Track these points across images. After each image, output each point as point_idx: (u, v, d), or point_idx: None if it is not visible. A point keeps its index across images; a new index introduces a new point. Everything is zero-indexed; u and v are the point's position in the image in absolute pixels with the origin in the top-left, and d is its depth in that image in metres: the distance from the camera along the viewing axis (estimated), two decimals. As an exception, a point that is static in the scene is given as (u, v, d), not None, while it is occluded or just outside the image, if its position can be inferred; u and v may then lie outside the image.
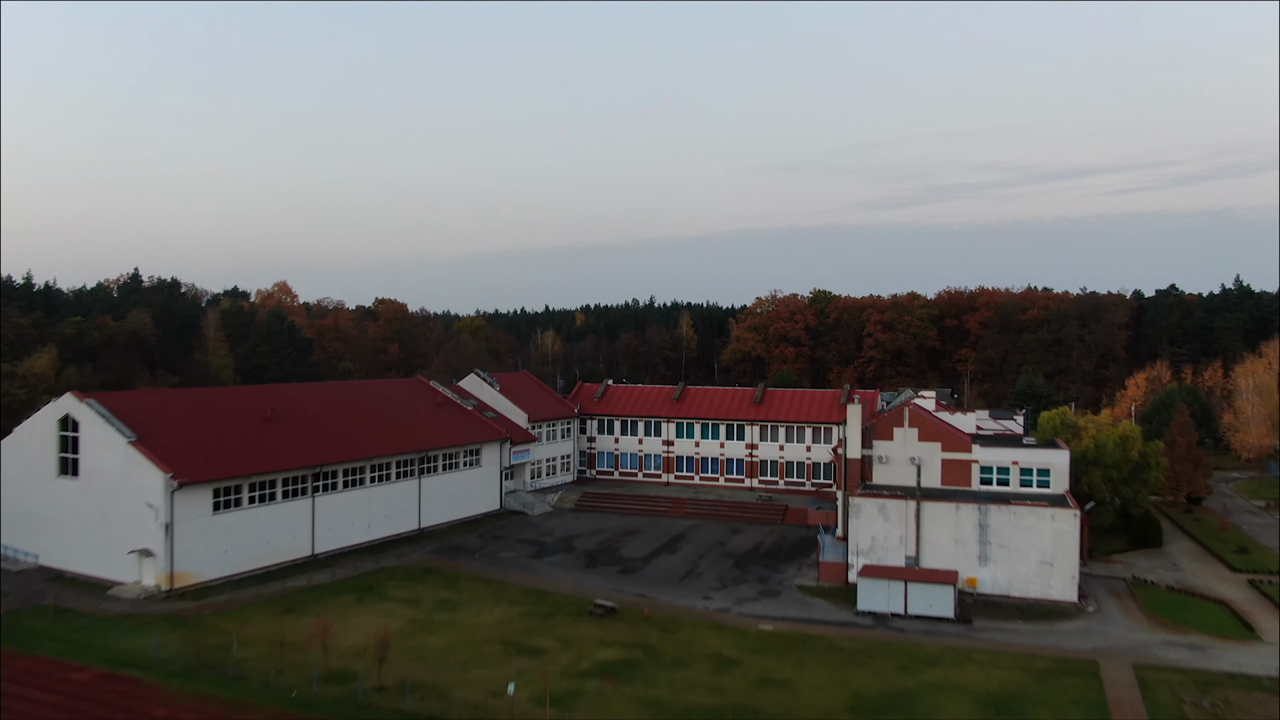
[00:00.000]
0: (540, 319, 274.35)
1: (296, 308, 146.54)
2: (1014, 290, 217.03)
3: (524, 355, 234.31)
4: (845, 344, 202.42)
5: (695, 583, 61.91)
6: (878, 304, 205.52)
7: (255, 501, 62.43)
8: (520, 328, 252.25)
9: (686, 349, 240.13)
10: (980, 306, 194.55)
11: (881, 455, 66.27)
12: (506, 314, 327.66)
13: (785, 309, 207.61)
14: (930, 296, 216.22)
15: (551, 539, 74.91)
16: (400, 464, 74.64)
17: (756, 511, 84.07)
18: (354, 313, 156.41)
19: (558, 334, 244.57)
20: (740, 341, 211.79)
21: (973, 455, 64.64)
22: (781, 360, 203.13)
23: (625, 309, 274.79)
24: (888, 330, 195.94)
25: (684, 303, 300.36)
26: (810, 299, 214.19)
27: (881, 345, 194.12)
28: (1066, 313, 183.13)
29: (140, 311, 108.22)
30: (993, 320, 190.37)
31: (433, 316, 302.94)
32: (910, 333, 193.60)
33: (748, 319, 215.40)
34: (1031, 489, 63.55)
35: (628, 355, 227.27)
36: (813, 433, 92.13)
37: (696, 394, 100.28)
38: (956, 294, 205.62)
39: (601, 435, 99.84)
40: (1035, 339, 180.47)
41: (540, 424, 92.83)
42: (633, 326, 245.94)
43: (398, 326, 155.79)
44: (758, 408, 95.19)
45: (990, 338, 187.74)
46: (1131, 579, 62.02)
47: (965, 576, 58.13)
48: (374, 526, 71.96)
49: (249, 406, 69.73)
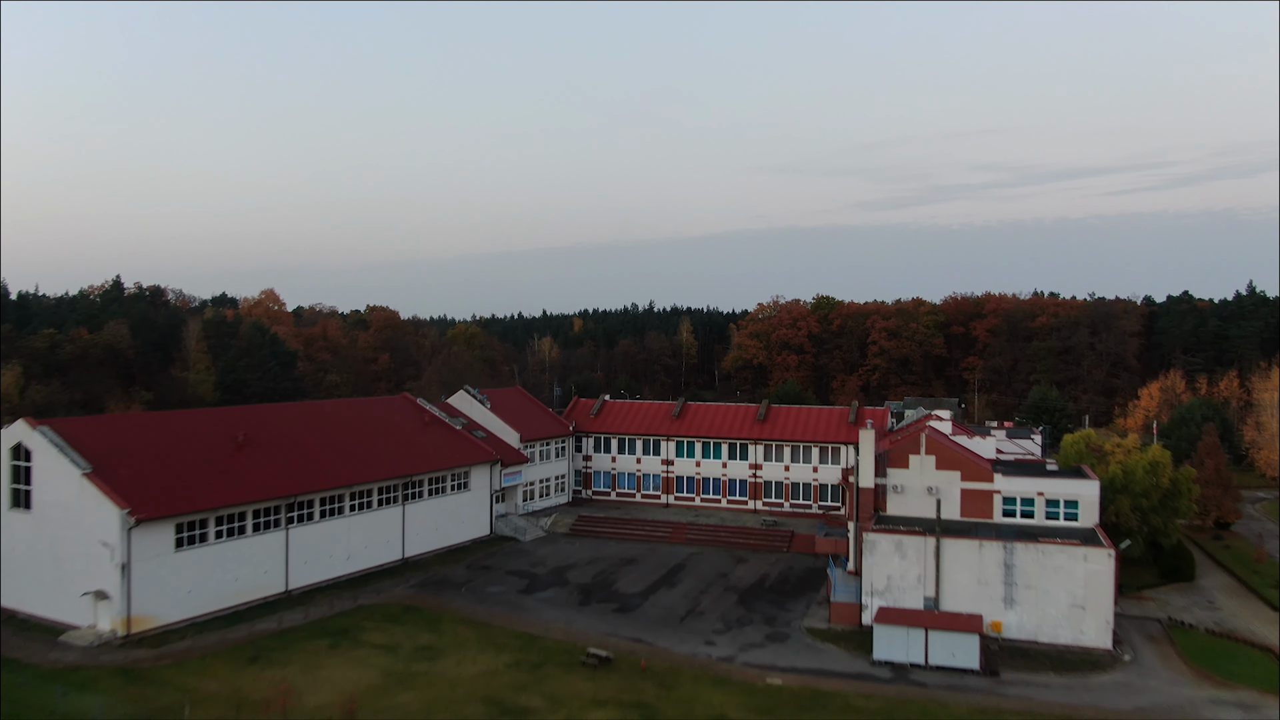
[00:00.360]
0: (538, 324, 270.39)
1: (284, 316, 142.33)
2: (1021, 296, 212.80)
3: (521, 362, 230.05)
4: (849, 351, 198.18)
5: (697, 624, 57.58)
6: (882, 310, 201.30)
7: (223, 536, 58.09)
8: (517, 334, 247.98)
9: (687, 356, 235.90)
10: (988, 313, 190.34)
11: (896, 484, 62.01)
12: (504, 319, 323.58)
13: (788, 315, 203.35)
14: (936, 302, 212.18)
15: (543, 570, 70.59)
16: (383, 490, 70.33)
17: (761, 538, 79.77)
18: (344, 321, 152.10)
19: (555, 340, 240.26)
20: (742, 349, 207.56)
21: (995, 485, 60.37)
22: (784, 368, 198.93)
23: (624, 314, 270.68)
24: (893, 338, 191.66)
25: (684, 307, 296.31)
26: (813, 305, 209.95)
27: (886, 353, 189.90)
28: (1076, 320, 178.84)
29: (117, 323, 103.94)
30: (1000, 328, 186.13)
31: (427, 322, 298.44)
32: (916, 340, 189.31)
33: (749, 325, 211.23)
34: (1058, 522, 59.28)
35: (626, 362, 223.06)
36: (819, 453, 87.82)
37: (697, 410, 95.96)
38: (963, 300, 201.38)
39: (598, 454, 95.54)
40: (1044, 347, 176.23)
41: (533, 443, 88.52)
42: (632, 332, 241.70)
43: (389, 335, 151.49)
44: (762, 426, 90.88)
45: (998, 346, 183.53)
46: (1167, 620, 57.70)
47: (989, 620, 53.81)
48: (354, 558, 67.62)
49: (219, 430, 65.40)
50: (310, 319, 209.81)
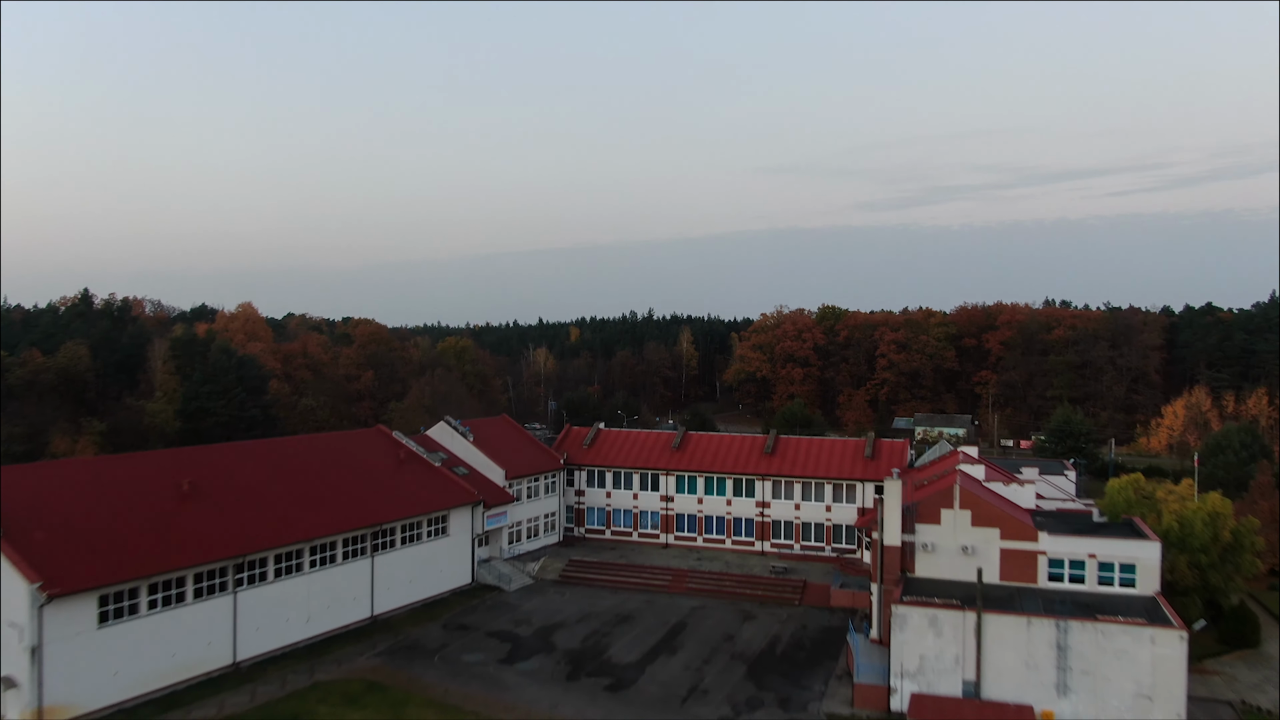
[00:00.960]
0: (533, 333, 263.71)
1: (263, 330, 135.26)
2: (1028, 301, 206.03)
3: (515, 374, 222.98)
4: (856, 364, 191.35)
5: (700, 708, 50.49)
6: (890, 321, 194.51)
7: (158, 605, 50.99)
8: (511, 344, 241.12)
9: (687, 367, 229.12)
10: (1001, 325, 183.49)
11: (926, 543, 54.97)
12: (499, 326, 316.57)
13: (792, 326, 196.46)
14: (947, 311, 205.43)
15: (528, 630, 63.49)
16: (350, 542, 63.24)
17: (770, 588, 72.68)
18: (329, 334, 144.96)
19: (551, 351, 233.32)
20: (744, 361, 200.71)
21: (1040, 545, 53.33)
22: (788, 381, 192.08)
23: (622, 323, 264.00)
24: (902, 350, 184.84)
25: (684, 315, 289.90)
26: (818, 315, 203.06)
27: (895, 366, 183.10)
28: (1095, 333, 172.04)
29: (75, 344, 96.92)
30: (1015, 340, 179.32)
31: (421, 330, 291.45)
32: (926, 353, 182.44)
33: (752, 337, 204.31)
34: (1113, 588, 52.25)
35: (625, 374, 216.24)
36: (833, 490, 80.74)
37: (699, 442, 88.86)
38: (974, 310, 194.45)
39: (591, 489, 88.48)
40: (1062, 362, 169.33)
41: (520, 480, 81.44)
42: (630, 343, 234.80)
43: (373, 351, 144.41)
44: (769, 460, 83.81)
45: (1012, 359, 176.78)
46: (1241, 705, 50.62)
47: (1040, 709, 46.73)
48: (315, 620, 60.51)
49: (161, 477, 58.35)
50: (296, 329, 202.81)
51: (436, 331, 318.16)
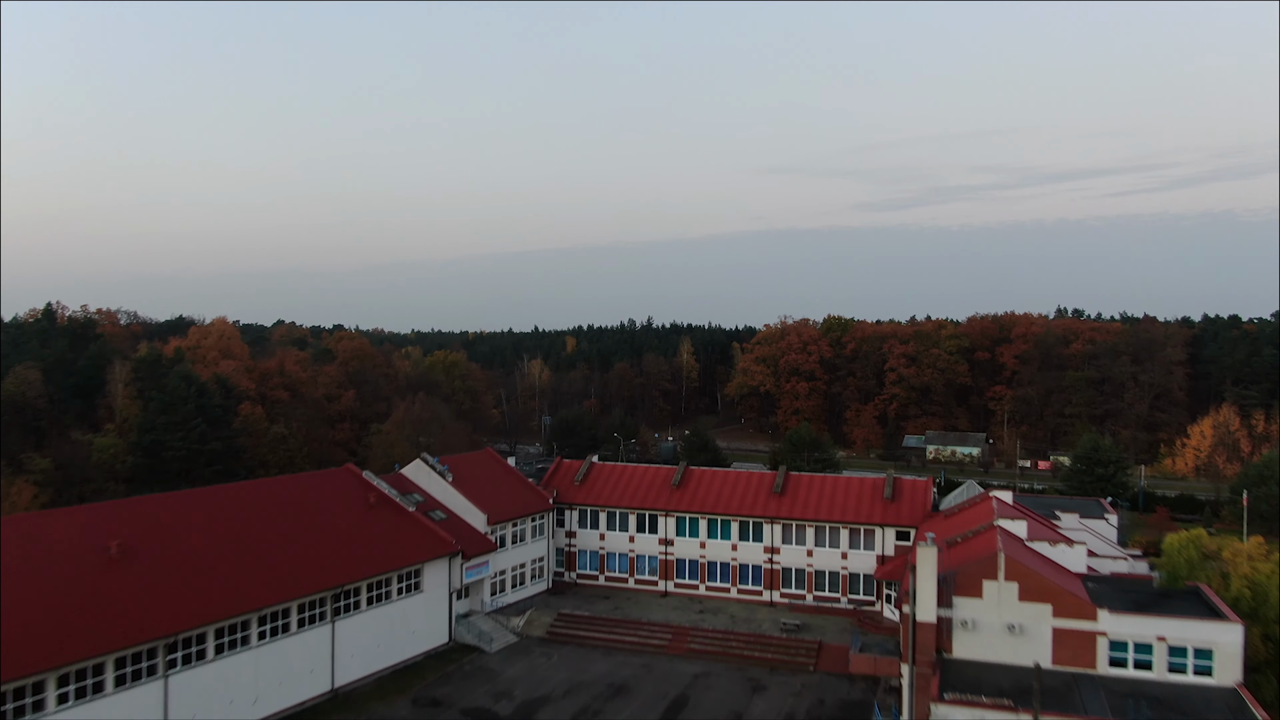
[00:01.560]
0: (529, 341, 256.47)
1: (237, 347, 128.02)
2: (1043, 312, 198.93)
3: (509, 386, 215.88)
4: (864, 378, 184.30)
5: (705, 821, 43.24)
6: (899, 333, 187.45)
7: (69, 699, 43.79)
8: (505, 353, 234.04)
9: (687, 379, 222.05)
10: (1015, 338, 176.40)
11: (966, 619, 47.83)
12: (494, 333, 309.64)
13: (797, 338, 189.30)
14: (959, 320, 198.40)
15: (508, 706, 56.27)
16: (307, 607, 56.05)
17: (781, 649, 65.45)
18: (306, 352, 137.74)
19: (546, 362, 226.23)
20: (747, 374, 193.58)
21: (1099, 625, 46.17)
22: (793, 396, 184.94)
23: (620, 332, 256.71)
24: (912, 364, 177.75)
25: (684, 324, 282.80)
26: (824, 327, 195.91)
27: (905, 381, 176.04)
28: (1115, 346, 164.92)
29: (26, 367, 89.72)
30: (1030, 354, 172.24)
31: (410, 340, 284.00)
32: (938, 367, 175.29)
33: (755, 349, 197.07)
34: (1185, 676, 45.09)
35: (622, 387, 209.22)
36: (849, 536, 73.58)
37: (702, 478, 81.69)
38: (987, 321, 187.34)
39: (584, 530, 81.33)
40: (1080, 377, 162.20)
41: (503, 525, 74.26)
42: (628, 353, 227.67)
43: (355, 368, 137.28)
44: (779, 500, 76.64)
45: (1028, 374, 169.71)
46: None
47: (1109, 834, 39.56)
48: (263, 700, 53.28)
49: (87, 537, 51.15)
50: (280, 340, 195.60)
51: (431, 339, 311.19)
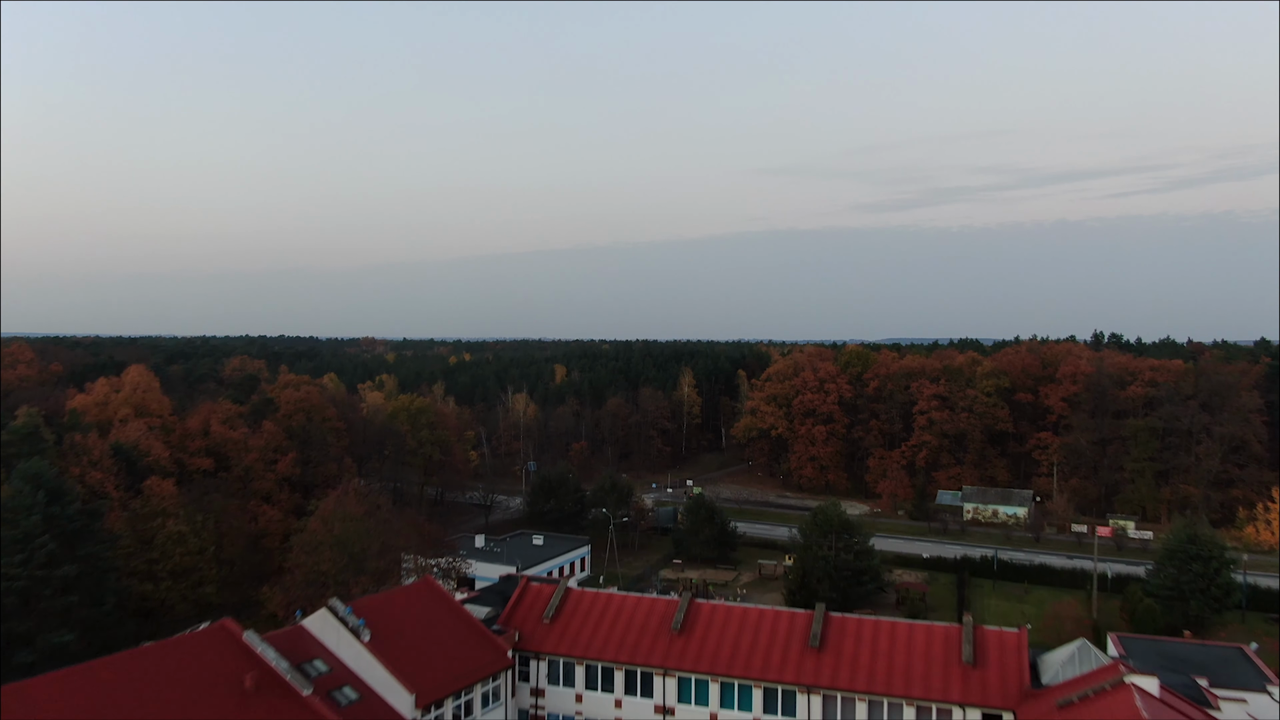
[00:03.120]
0: (515, 369, 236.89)
1: (154, 400, 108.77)
2: (1083, 339, 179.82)
3: (490, 424, 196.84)
4: (889, 421, 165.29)
5: None
6: (928, 368, 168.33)
7: None
8: (487, 383, 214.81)
9: (688, 414, 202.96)
10: (1062, 377, 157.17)
11: None
12: (481, 341, 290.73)
13: (812, 375, 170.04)
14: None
15: None
16: None
17: None
18: (242, 406, 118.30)
19: (532, 395, 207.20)
20: (756, 415, 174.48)
21: None
22: (808, 441, 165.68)
23: (614, 359, 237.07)
24: (944, 406, 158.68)
25: (684, 339, 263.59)
26: (843, 361, 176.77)
27: (936, 425, 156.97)
28: (1179, 389, 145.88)
29: None
30: (1081, 398, 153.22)
31: (399, 345, 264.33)
32: (974, 411, 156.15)
33: (766, 387, 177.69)
34: None
35: (616, 426, 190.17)
36: (916, 716, 54.28)
37: (712, 619, 62.47)
38: (1028, 356, 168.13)
39: (554, 687, 62.15)
40: (1143, 427, 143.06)
41: (441, 704, 54.97)
42: (623, 385, 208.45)
43: (300, 422, 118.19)
44: (817, 658, 57.42)
45: (1079, 420, 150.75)
46: None
47: None
48: None
49: None
50: (234, 377, 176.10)
51: (419, 346, 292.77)
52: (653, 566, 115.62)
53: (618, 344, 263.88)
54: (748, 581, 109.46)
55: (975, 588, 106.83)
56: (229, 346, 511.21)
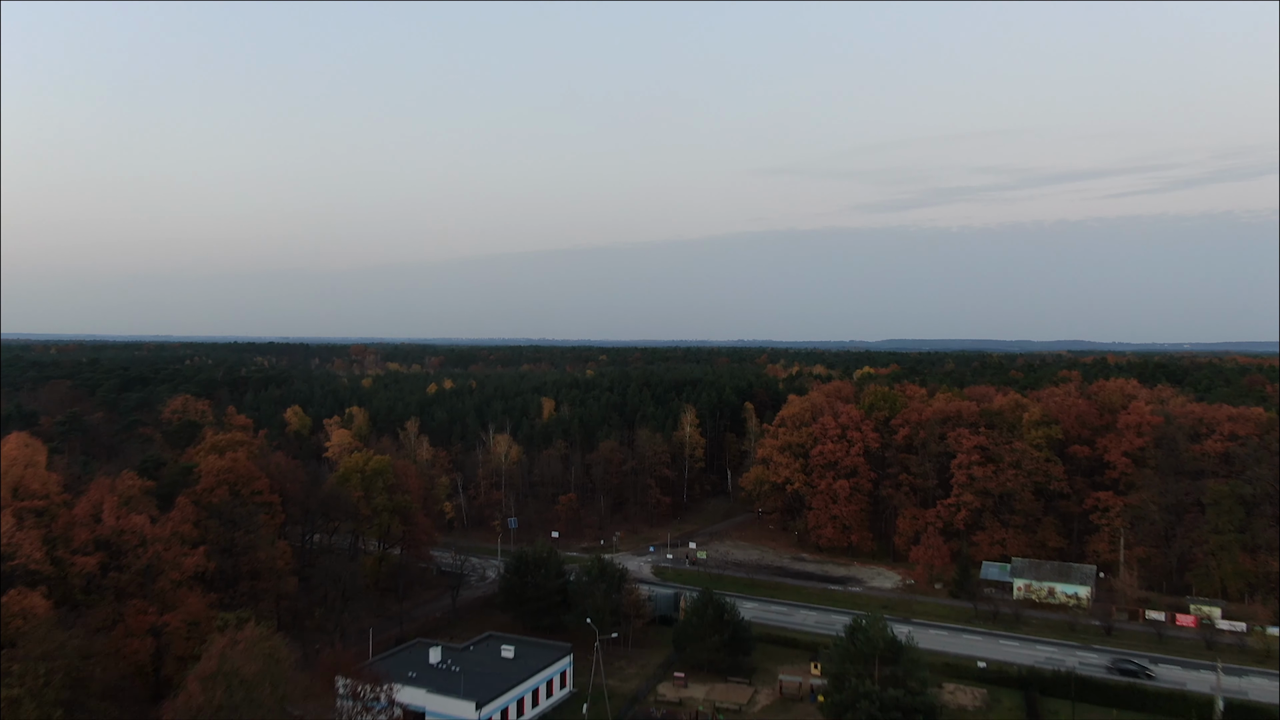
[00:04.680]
0: (498, 400, 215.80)
1: (34, 481, 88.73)
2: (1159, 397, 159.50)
3: (468, 469, 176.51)
4: (923, 475, 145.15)
5: None
6: (965, 412, 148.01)
7: None
8: (467, 421, 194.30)
9: (690, 458, 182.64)
10: (1124, 428, 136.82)
11: None
12: (464, 380, 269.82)
13: (833, 422, 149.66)
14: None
15: None
16: None
17: None
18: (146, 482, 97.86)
19: (516, 434, 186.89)
20: (770, 467, 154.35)
21: None
22: (829, 498, 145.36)
23: (609, 393, 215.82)
24: (988, 461, 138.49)
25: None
26: (867, 403, 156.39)
27: (977, 482, 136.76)
28: (1265, 445, 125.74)
29: None
30: (1148, 453, 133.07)
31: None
32: (1023, 468, 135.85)
33: (780, 434, 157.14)
34: None
35: (609, 474, 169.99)
36: None
37: None
38: (1083, 403, 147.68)
39: None
40: (1226, 492, 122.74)
41: None
42: (618, 422, 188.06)
43: (221, 496, 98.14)
44: None
45: (1146, 479, 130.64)
46: None
47: None
48: None
49: None
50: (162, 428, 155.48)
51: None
52: (649, 680, 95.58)
53: (614, 371, 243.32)
54: (767, 704, 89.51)
55: (1050, 715, 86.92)
56: (215, 350, 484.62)
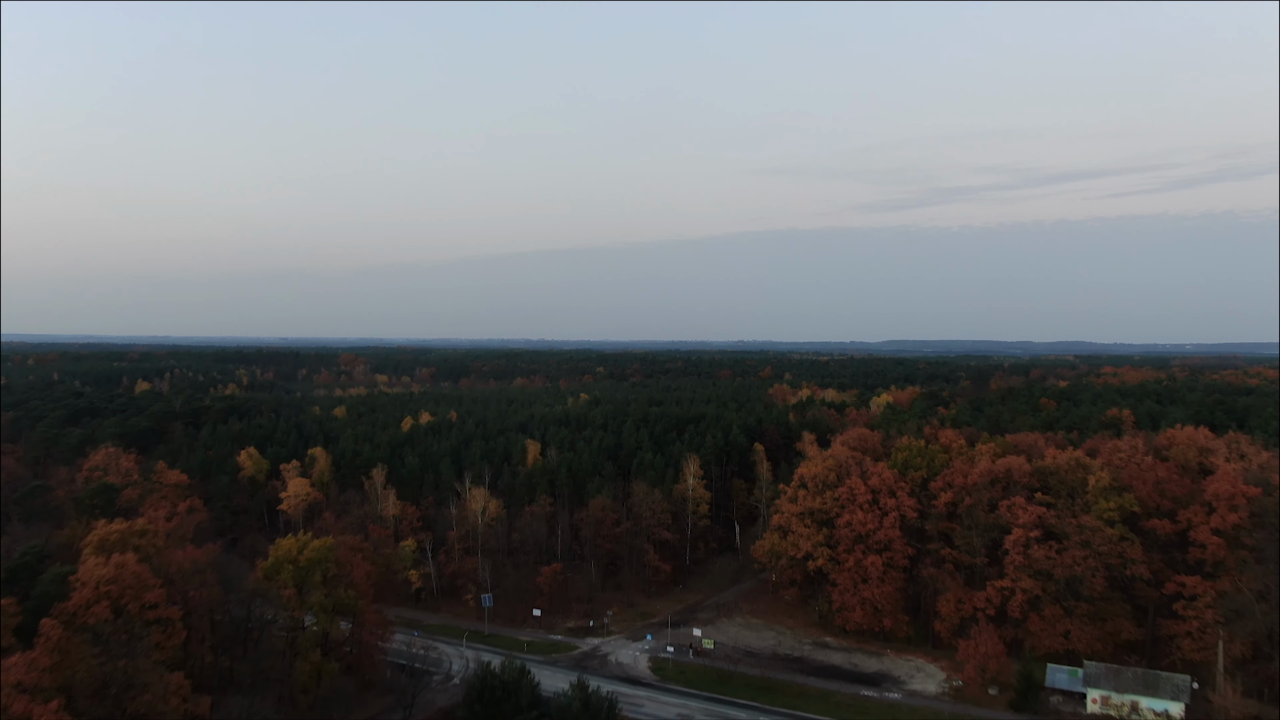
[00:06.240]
0: (479, 440, 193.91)
1: None
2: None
3: (437, 529, 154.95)
4: (969, 550, 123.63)
5: None
6: (1017, 471, 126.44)
7: None
8: (439, 469, 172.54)
9: (694, 515, 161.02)
10: (1216, 499, 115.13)
11: None
12: (445, 408, 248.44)
13: (863, 485, 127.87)
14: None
15: None
16: None
17: None
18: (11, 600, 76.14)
19: (495, 486, 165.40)
20: (788, 538, 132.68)
21: None
22: (858, 576, 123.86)
23: (603, 435, 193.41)
24: (1048, 536, 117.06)
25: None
26: (900, 460, 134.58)
27: (1035, 564, 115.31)
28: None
29: None
30: (1245, 528, 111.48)
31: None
32: (1094, 548, 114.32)
33: (800, 497, 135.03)
34: None
35: (601, 536, 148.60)
36: None
37: None
38: (1160, 466, 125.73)
39: None
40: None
41: None
42: (611, 472, 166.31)
43: (104, 617, 76.32)
44: None
45: (1243, 562, 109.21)
46: None
47: None
48: None
49: None
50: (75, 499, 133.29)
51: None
52: None
53: (608, 407, 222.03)
54: None
55: None
56: (202, 359, 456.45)
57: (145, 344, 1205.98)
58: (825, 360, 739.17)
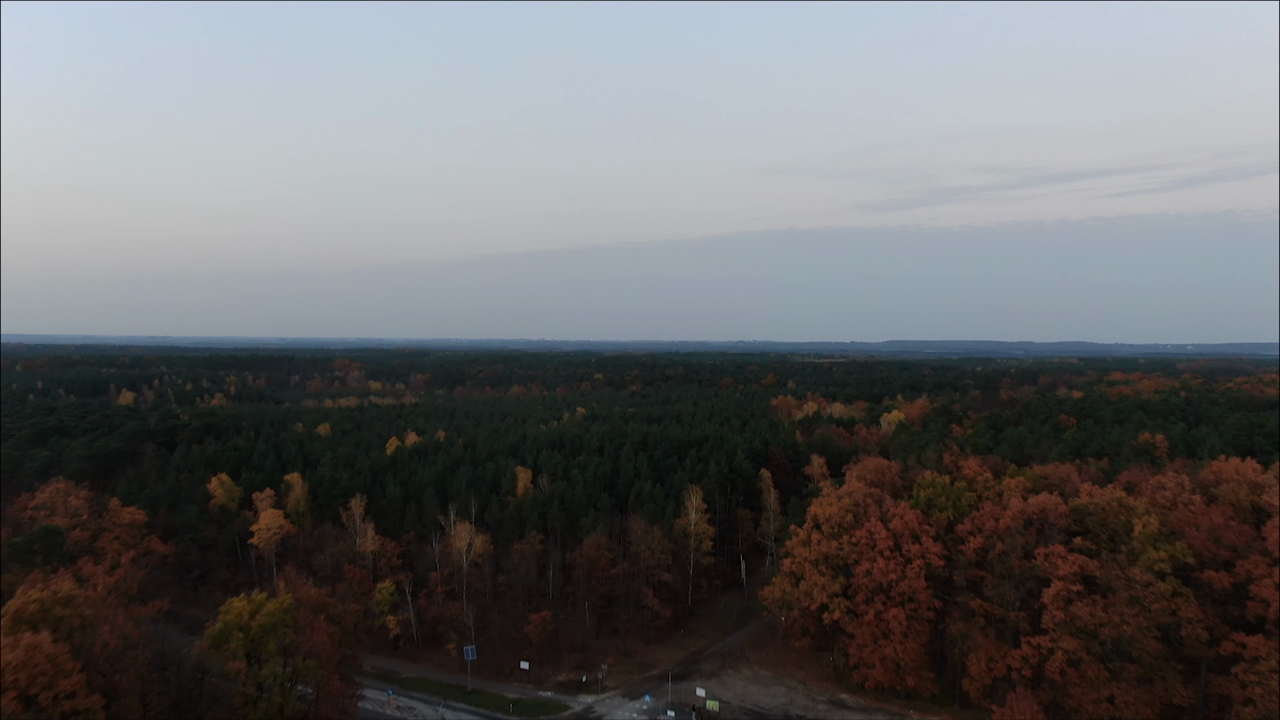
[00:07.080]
0: (466, 466, 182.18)
1: None
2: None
3: (418, 569, 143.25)
4: (1002, 602, 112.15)
5: None
6: (1052, 511, 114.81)
7: None
8: (423, 498, 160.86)
9: (696, 551, 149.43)
10: (1278, 549, 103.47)
11: None
12: (432, 425, 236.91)
13: (883, 530, 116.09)
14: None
15: None
16: None
17: None
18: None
19: (482, 520, 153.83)
20: (799, 584, 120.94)
21: None
22: (880, 630, 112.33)
23: (596, 452, 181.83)
24: (1091, 589, 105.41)
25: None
26: (924, 499, 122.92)
27: (1076, 622, 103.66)
28: None
29: None
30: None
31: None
32: (1144, 604, 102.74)
33: (814, 539, 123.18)
34: None
35: (596, 578, 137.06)
36: None
37: None
38: (1214, 511, 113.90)
39: None
40: None
41: None
42: (607, 504, 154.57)
43: (10, 708, 65.03)
44: None
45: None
46: None
47: None
48: None
49: None
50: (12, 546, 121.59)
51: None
52: None
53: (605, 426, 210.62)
54: None
55: None
56: (194, 364, 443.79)
57: (144, 345, 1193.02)
58: (828, 364, 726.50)
